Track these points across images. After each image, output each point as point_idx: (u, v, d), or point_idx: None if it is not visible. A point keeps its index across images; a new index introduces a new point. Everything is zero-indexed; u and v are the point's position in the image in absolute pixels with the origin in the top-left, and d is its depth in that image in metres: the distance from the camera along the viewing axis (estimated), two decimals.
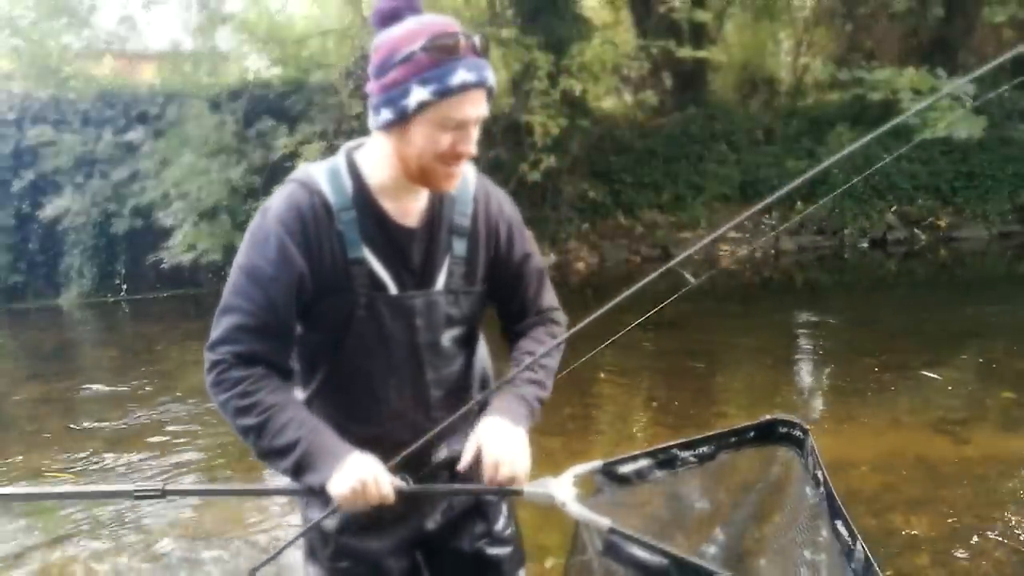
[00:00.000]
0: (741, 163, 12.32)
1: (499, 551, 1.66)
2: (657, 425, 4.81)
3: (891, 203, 12.02)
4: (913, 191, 12.06)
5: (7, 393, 6.65)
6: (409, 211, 1.45)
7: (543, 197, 11.23)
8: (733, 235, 12.00)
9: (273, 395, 1.37)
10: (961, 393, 5.11)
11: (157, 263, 10.32)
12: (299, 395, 1.52)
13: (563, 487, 1.39)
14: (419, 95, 1.30)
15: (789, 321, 7.40)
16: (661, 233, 11.81)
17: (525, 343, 1.60)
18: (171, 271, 10.20)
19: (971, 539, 3.17)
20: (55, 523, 3.80)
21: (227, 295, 1.41)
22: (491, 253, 1.53)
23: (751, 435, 1.58)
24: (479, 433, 1.43)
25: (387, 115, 1.34)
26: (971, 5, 12.63)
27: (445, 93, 1.29)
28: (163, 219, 10.14)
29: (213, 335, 1.40)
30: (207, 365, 1.40)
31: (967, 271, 10.27)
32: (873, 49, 13.28)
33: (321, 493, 1.35)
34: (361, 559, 1.57)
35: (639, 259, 11.42)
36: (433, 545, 1.64)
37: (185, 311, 10.23)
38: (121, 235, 11.03)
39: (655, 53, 11.82)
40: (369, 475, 1.33)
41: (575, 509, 1.35)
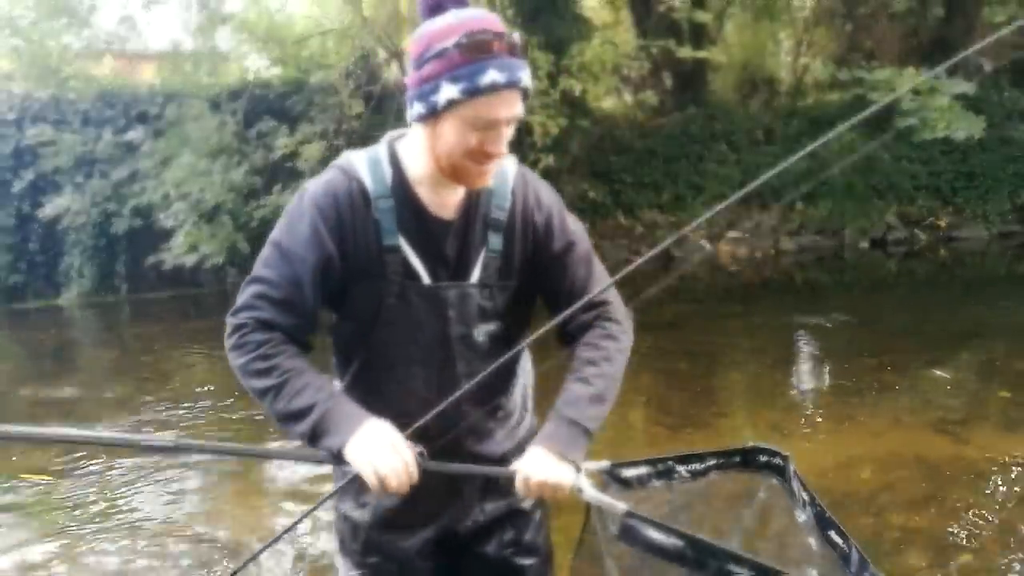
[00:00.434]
0: (741, 163, 12.32)
1: (526, 561, 1.64)
2: (657, 425, 4.81)
3: (891, 203, 12.03)
4: (913, 191, 12.06)
5: (7, 393, 6.65)
6: (446, 203, 1.45)
7: None
8: (733, 235, 12.05)
9: (291, 360, 1.39)
10: (961, 393, 5.11)
11: (157, 263, 10.32)
12: (336, 386, 1.54)
13: (580, 475, 1.41)
14: (448, 92, 1.29)
15: (789, 321, 7.40)
16: (661, 233, 11.80)
17: (582, 351, 1.49)
18: (171, 271, 10.20)
19: (971, 539, 3.17)
20: (50, 520, 3.81)
21: (257, 266, 1.43)
22: (529, 247, 1.50)
23: (736, 459, 1.59)
24: (521, 465, 1.39)
25: (419, 109, 1.35)
26: (971, 5, 12.63)
27: (475, 92, 1.28)
28: (164, 220, 10.14)
29: (238, 302, 1.43)
30: (228, 329, 1.42)
31: (967, 271, 10.28)
32: (873, 49, 13.27)
33: (337, 458, 1.35)
34: (390, 556, 1.58)
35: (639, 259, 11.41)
36: (461, 548, 1.63)
37: (185, 311, 10.23)
38: (121, 235, 11.04)
39: (655, 53, 11.82)
40: (387, 441, 1.33)
41: (591, 494, 1.38)
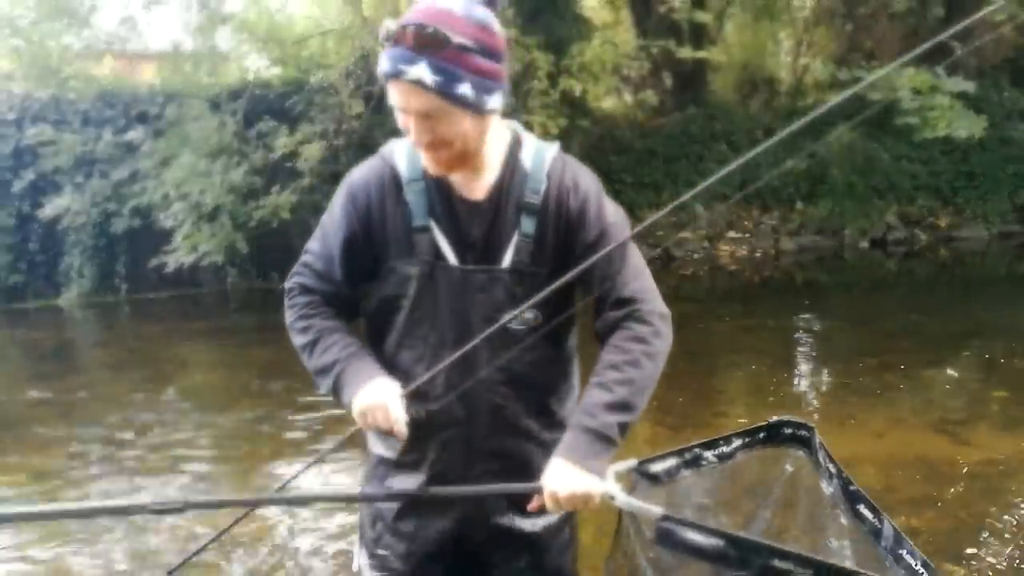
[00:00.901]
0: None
1: None
2: (658, 425, 4.81)
3: (891, 203, 12.03)
4: (913, 191, 12.07)
5: (7, 393, 6.64)
6: (477, 185, 1.46)
7: None
8: (733, 235, 12.05)
9: (326, 320, 1.52)
10: (961, 393, 5.11)
11: (158, 264, 10.31)
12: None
13: (608, 482, 1.38)
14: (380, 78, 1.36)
15: (789, 321, 7.40)
16: (661, 233, 11.79)
17: (607, 353, 1.43)
18: (171, 271, 10.19)
19: (971, 539, 3.17)
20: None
21: (310, 239, 1.57)
22: (562, 233, 1.46)
23: (761, 436, 1.60)
24: (545, 480, 1.36)
25: None
26: (971, 5, 12.62)
27: (383, 79, 1.34)
28: (163, 220, 10.14)
29: (294, 268, 1.58)
30: (286, 292, 1.58)
31: (967, 271, 10.28)
32: (873, 49, 13.27)
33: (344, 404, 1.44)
34: (399, 555, 1.58)
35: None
36: (475, 558, 1.60)
37: (185, 311, 10.23)
38: (121, 235, 11.02)
39: (655, 53, 11.82)
40: (381, 398, 1.39)
41: (624, 500, 1.35)
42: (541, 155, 1.48)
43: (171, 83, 11.46)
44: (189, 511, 1.34)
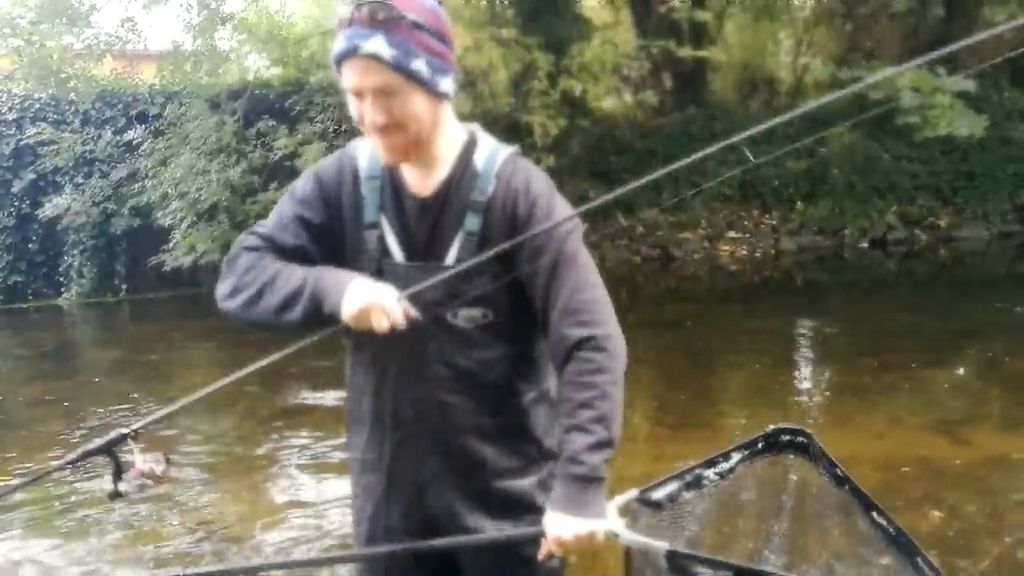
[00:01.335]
0: (741, 163, 12.31)
1: None
2: (658, 425, 4.81)
3: (891, 203, 12.02)
4: (913, 191, 12.06)
5: (7, 393, 6.64)
6: (428, 182, 1.47)
7: None
8: (733, 235, 12.04)
9: (279, 262, 1.47)
10: (961, 393, 5.11)
11: (157, 263, 10.31)
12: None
13: (611, 518, 1.36)
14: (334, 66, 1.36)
15: (789, 321, 7.40)
16: (662, 233, 11.81)
17: (575, 392, 1.37)
18: (171, 271, 10.19)
19: (971, 539, 3.17)
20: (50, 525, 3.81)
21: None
22: (508, 232, 1.43)
23: (760, 446, 1.58)
24: (547, 529, 1.36)
25: None
26: (971, 5, 12.62)
27: (336, 63, 1.36)
28: (162, 219, 10.14)
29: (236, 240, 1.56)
30: (225, 262, 1.52)
31: (967, 271, 10.28)
32: (873, 49, 13.27)
33: (336, 321, 1.38)
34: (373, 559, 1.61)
35: (639, 259, 11.41)
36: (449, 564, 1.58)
37: (185, 311, 10.23)
38: (121, 235, 11.03)
39: (655, 53, 11.82)
40: (376, 294, 1.36)
41: (628, 537, 1.33)
42: (494, 156, 1.48)
43: (171, 83, 11.47)
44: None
